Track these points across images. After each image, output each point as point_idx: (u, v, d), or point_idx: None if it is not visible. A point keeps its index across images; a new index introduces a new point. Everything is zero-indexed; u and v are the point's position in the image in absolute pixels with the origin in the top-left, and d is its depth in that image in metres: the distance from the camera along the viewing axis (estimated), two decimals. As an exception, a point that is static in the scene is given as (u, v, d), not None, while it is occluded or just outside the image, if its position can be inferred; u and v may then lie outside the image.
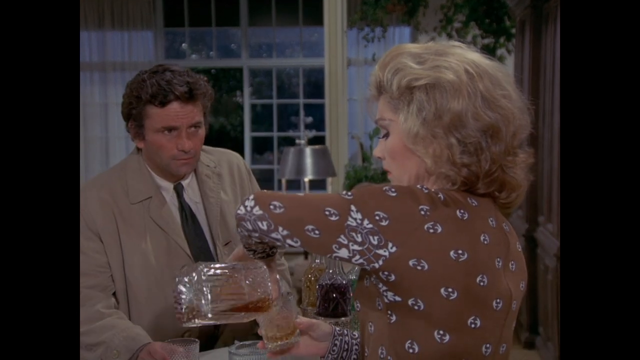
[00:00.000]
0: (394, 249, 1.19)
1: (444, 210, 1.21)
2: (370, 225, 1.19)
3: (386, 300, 1.25)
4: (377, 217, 1.19)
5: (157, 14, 6.66)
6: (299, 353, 1.51)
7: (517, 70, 4.91)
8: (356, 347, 1.51)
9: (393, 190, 1.21)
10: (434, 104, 1.24)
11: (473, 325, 1.24)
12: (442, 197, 1.23)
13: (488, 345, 1.28)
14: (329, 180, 6.25)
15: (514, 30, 5.23)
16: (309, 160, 5.14)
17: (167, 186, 2.04)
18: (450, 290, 1.21)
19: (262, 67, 7.03)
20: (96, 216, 1.96)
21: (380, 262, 1.20)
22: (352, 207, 1.19)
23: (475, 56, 1.30)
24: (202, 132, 1.99)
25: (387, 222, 1.18)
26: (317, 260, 1.91)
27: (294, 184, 5.96)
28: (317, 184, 6.13)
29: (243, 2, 6.75)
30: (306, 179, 5.27)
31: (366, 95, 1.36)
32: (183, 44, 7.05)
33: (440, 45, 1.31)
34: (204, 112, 2.00)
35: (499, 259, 1.27)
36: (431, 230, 1.19)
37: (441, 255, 1.20)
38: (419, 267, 1.19)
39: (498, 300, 1.27)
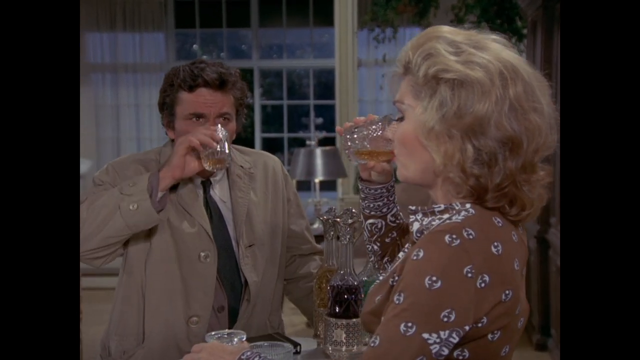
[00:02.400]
0: (467, 327, 1.14)
1: (482, 255, 1.14)
2: (447, 333, 1.11)
3: None
4: (445, 320, 1.11)
5: (169, 15, 6.68)
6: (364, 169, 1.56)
7: (528, 71, 4.89)
8: (394, 214, 1.59)
9: (435, 278, 1.11)
10: (457, 102, 1.15)
11: (504, 353, 1.21)
12: (473, 234, 1.15)
13: None
14: (340, 181, 6.25)
15: (525, 31, 5.20)
16: (319, 161, 5.14)
17: (196, 180, 2.05)
18: (495, 332, 1.17)
19: (273, 68, 7.04)
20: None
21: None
22: (424, 336, 1.10)
23: (512, 57, 1.20)
24: (232, 126, 2.00)
25: (454, 315, 1.11)
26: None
27: (305, 185, 5.96)
28: (328, 185, 6.12)
29: (254, 3, 6.76)
30: (317, 180, 5.27)
31: (392, 71, 1.26)
32: (194, 45, 7.07)
33: (481, 37, 1.21)
34: (237, 109, 2.01)
35: (521, 275, 1.23)
36: (482, 285, 1.13)
37: (494, 304, 1.15)
38: (479, 325, 1.15)
39: (522, 320, 1.24)
